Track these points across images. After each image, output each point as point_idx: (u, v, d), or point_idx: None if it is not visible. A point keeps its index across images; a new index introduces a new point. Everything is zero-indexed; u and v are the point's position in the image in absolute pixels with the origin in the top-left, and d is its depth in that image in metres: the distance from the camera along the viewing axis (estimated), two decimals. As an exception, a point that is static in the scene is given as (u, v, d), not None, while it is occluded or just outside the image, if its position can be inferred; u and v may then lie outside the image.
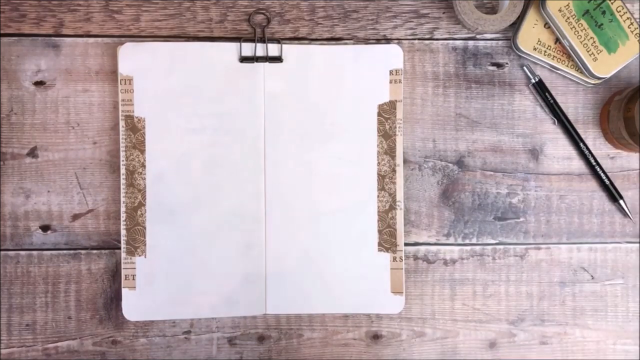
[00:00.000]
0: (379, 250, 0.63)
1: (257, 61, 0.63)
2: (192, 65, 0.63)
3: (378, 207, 0.63)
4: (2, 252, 0.64)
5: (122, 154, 0.63)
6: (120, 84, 0.62)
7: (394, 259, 0.63)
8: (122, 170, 0.63)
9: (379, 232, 0.63)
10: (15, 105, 0.64)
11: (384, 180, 0.63)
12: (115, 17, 0.64)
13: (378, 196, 0.63)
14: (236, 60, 0.63)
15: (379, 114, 0.63)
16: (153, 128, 0.63)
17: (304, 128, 0.63)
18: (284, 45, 0.63)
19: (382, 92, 0.63)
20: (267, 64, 0.63)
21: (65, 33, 0.64)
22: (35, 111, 0.64)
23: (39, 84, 0.64)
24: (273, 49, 0.63)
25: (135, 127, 0.63)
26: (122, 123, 0.63)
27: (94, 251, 0.64)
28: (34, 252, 0.64)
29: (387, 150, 0.63)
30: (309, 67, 0.63)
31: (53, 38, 0.64)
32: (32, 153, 0.64)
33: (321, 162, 0.63)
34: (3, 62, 0.63)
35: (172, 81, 0.63)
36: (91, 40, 0.64)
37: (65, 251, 0.64)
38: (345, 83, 0.63)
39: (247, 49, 0.63)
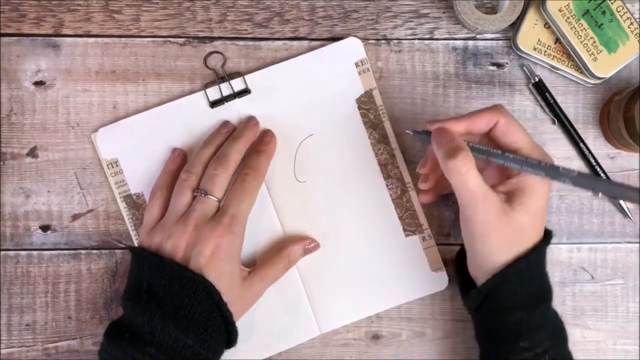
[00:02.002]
0: (407, 235, 0.63)
1: (226, 101, 0.63)
2: (167, 127, 0.63)
3: (390, 195, 0.63)
4: (2, 252, 0.64)
5: (131, 232, 0.63)
6: (108, 168, 0.63)
7: (423, 238, 0.63)
8: (137, 244, 0.63)
9: (400, 218, 0.63)
10: (15, 105, 0.64)
11: (387, 168, 0.63)
12: (115, 17, 0.64)
13: (387, 185, 0.63)
14: (207, 107, 0.63)
15: (359, 107, 0.63)
16: None
17: (293, 147, 0.63)
18: (247, 76, 0.63)
19: (355, 85, 0.63)
20: (237, 100, 0.63)
21: (65, 33, 0.64)
22: (35, 111, 0.64)
23: (38, 84, 0.64)
24: (238, 84, 0.63)
25: (136, 204, 0.63)
26: (122, 205, 0.63)
27: (94, 251, 0.64)
28: (34, 252, 0.64)
29: (380, 139, 0.63)
30: (277, 88, 0.63)
31: (53, 38, 0.64)
32: (32, 153, 0.64)
33: (322, 172, 0.63)
34: (3, 62, 0.63)
35: (155, 149, 0.63)
36: (91, 40, 0.64)
37: (65, 251, 0.64)
38: (317, 89, 0.63)
39: (213, 92, 0.63)
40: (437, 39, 0.65)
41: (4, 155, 0.64)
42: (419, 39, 0.64)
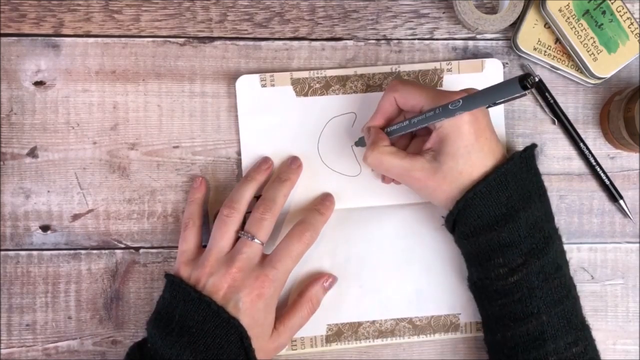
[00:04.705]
0: None
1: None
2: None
3: None
4: (2, 252, 0.64)
5: None
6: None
7: None
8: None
9: None
10: (15, 105, 0.64)
11: None
12: (115, 17, 0.64)
13: None
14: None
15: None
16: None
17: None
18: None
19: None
20: None
21: (65, 33, 0.64)
22: (35, 111, 0.64)
23: (38, 84, 0.64)
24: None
25: None
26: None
27: (94, 251, 0.64)
28: (34, 252, 0.64)
29: None
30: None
31: (53, 38, 0.64)
32: (32, 153, 0.64)
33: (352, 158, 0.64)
34: (3, 62, 0.63)
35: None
36: (91, 40, 0.64)
37: (65, 251, 0.64)
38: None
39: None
40: (437, 39, 0.64)
41: (4, 155, 0.64)
42: (419, 39, 0.64)
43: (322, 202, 0.63)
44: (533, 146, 0.57)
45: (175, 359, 0.54)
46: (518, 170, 0.56)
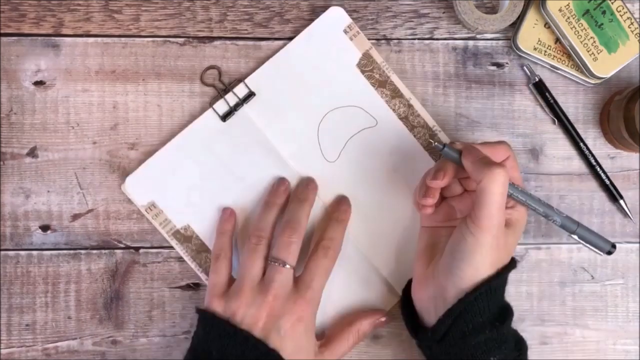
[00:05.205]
0: None
1: (235, 110, 0.63)
2: (189, 154, 0.63)
3: (422, 144, 0.64)
4: (2, 252, 0.64)
5: (192, 264, 0.63)
6: (146, 212, 0.63)
7: None
8: (203, 277, 0.63)
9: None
10: (15, 105, 0.64)
11: (409, 119, 0.63)
12: (115, 17, 0.64)
13: (415, 135, 0.64)
14: (219, 122, 0.63)
15: (362, 71, 0.63)
16: (201, 227, 0.63)
17: (314, 130, 0.63)
18: (247, 80, 0.63)
19: (351, 52, 0.63)
20: (244, 106, 0.63)
21: (65, 33, 0.64)
22: (35, 111, 0.64)
23: (38, 83, 0.64)
24: (241, 90, 0.63)
25: (186, 237, 0.63)
26: (174, 241, 0.63)
27: (94, 251, 0.64)
28: (34, 252, 0.64)
29: (392, 94, 0.63)
30: (279, 81, 0.63)
31: (53, 38, 0.64)
32: (32, 153, 0.64)
33: (348, 147, 0.63)
34: (3, 62, 0.63)
35: (186, 178, 0.63)
36: (91, 40, 0.64)
37: (65, 251, 0.64)
38: (316, 69, 0.63)
39: (221, 106, 0.63)
40: (437, 39, 0.64)
41: (4, 155, 0.64)
42: (419, 39, 0.64)
43: (338, 208, 0.62)
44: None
45: None
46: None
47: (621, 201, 0.64)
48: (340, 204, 0.63)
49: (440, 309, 0.55)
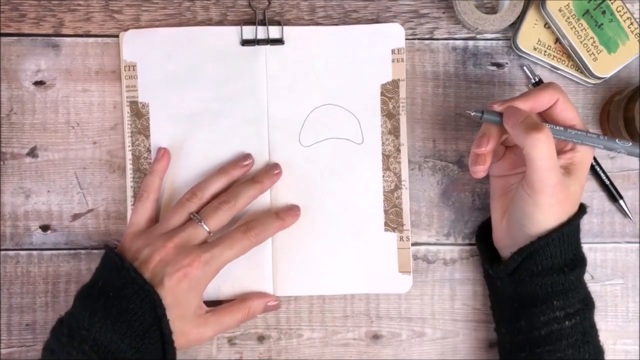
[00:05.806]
0: (386, 230, 0.63)
1: (258, 44, 0.63)
2: (193, 49, 0.63)
3: (384, 187, 0.63)
4: (2, 252, 0.64)
5: (127, 139, 0.63)
6: (124, 70, 0.63)
7: (401, 238, 0.63)
8: (129, 156, 0.63)
9: (385, 212, 0.63)
10: (15, 105, 0.64)
11: (389, 160, 0.63)
12: (115, 16, 0.64)
13: (383, 176, 0.63)
14: (237, 43, 0.63)
15: (382, 94, 0.63)
16: (157, 113, 0.63)
17: (306, 111, 0.63)
18: (285, 27, 0.63)
19: (385, 71, 0.63)
20: (268, 46, 0.63)
21: (65, 33, 0.64)
22: (35, 111, 0.64)
23: (38, 83, 0.64)
24: (274, 32, 0.63)
25: (140, 113, 0.63)
26: (127, 109, 0.63)
27: (94, 251, 0.64)
28: (34, 252, 0.64)
29: (391, 130, 0.63)
30: (311, 48, 0.63)
31: (53, 38, 0.64)
32: (32, 153, 0.64)
33: (326, 143, 0.63)
34: (3, 62, 0.63)
35: (174, 66, 0.63)
36: (91, 40, 0.64)
37: (65, 251, 0.64)
38: (348, 64, 0.63)
39: (248, 32, 0.63)
40: (437, 39, 0.65)
41: (4, 155, 0.64)
42: (419, 39, 0.64)
43: (287, 210, 0.62)
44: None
45: (87, 322, 0.54)
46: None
47: (621, 201, 0.64)
48: (292, 209, 0.62)
49: (515, 249, 0.56)
